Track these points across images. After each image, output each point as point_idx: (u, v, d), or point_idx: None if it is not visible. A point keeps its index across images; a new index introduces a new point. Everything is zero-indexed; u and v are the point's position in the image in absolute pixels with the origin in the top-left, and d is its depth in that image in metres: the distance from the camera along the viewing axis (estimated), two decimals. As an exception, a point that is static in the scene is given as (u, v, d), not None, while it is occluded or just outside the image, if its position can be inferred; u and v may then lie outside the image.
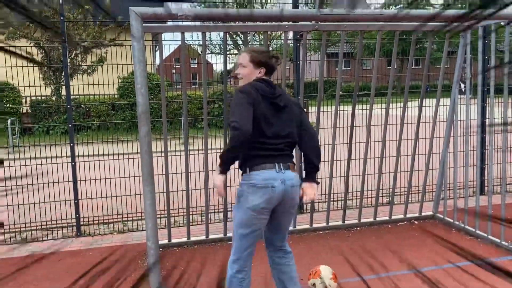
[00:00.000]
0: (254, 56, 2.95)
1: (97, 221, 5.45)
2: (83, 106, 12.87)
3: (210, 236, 4.79)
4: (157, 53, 5.42)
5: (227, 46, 4.70)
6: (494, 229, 4.49)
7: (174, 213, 5.36)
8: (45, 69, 13.64)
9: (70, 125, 5.09)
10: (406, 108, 4.98)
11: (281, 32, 4.29)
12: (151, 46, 6.65)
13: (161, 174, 4.61)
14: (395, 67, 4.83)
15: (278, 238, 3.06)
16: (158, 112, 12.25)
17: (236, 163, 2.86)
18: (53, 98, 12.32)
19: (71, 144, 5.06)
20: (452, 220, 5.04)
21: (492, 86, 4.45)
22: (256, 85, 2.85)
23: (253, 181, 2.77)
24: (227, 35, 4.44)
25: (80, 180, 5.18)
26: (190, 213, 4.82)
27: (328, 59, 22.94)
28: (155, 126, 10.78)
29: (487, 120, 5.92)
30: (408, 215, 5.33)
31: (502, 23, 4.32)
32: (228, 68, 6.04)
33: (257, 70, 2.94)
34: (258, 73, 2.94)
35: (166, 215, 4.62)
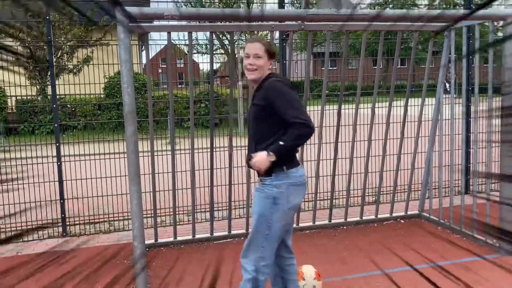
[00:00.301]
0: (268, 46, 2.82)
1: (83, 221, 5.41)
2: (69, 105, 12.76)
3: (197, 236, 4.79)
4: (144, 53, 5.39)
5: (214, 45, 4.70)
6: (479, 227, 4.55)
7: (160, 213, 5.34)
8: (30, 68, 13.48)
9: (55, 125, 5.04)
10: (392, 108, 5.02)
11: (267, 31, 4.31)
12: (137, 46, 6.61)
13: (147, 174, 4.60)
14: (381, 67, 4.87)
15: (290, 236, 3.03)
16: (144, 112, 12.18)
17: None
18: (39, 98, 12.20)
19: (57, 144, 5.02)
20: (437, 219, 5.10)
21: (476, 86, 4.51)
22: (285, 80, 2.83)
23: (292, 179, 2.71)
24: (213, 35, 4.44)
25: (66, 180, 5.14)
26: (177, 212, 4.82)
27: (314, 59, 23.04)
28: (141, 125, 10.73)
29: (471, 119, 5.99)
30: (394, 214, 5.38)
31: (486, 23, 4.38)
32: (214, 67, 6.05)
33: (269, 62, 2.81)
34: (269, 65, 2.84)
35: (152, 215, 4.61)
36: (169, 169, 4.66)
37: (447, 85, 5.36)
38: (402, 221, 5.33)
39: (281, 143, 2.61)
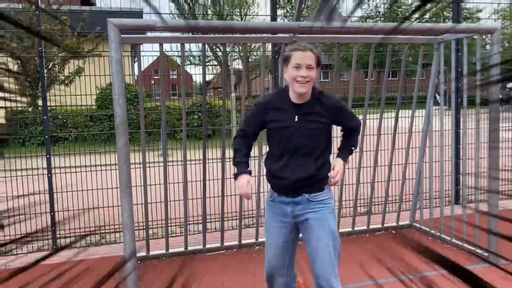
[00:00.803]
0: (319, 54, 2.64)
1: (74, 234, 5.36)
2: (60, 117, 12.70)
3: (189, 248, 4.77)
4: (136, 64, 5.41)
5: (207, 57, 4.72)
6: (469, 238, 4.58)
7: (152, 225, 5.31)
8: (21, 80, 13.42)
9: (46, 136, 5.02)
10: (383, 119, 5.06)
11: (260, 43, 4.34)
12: (129, 57, 6.63)
13: (139, 186, 4.58)
14: (372, 79, 4.92)
15: None
16: (137, 123, 12.16)
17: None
18: (29, 109, 12.14)
19: (48, 156, 5.00)
20: (428, 229, 5.12)
21: (465, 98, 4.57)
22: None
23: None
24: (207, 47, 4.46)
25: (57, 192, 5.10)
26: (169, 224, 4.79)
27: (307, 71, 23.16)
28: (133, 137, 10.71)
29: (461, 130, 6.05)
30: (385, 225, 5.39)
31: (474, 36, 4.45)
32: (207, 79, 6.06)
33: (317, 71, 2.65)
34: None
35: (144, 227, 4.59)
36: (161, 181, 4.65)
37: (438, 96, 5.42)
38: (393, 231, 5.35)
39: (353, 148, 2.85)
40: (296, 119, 2.64)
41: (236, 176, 2.71)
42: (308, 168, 2.65)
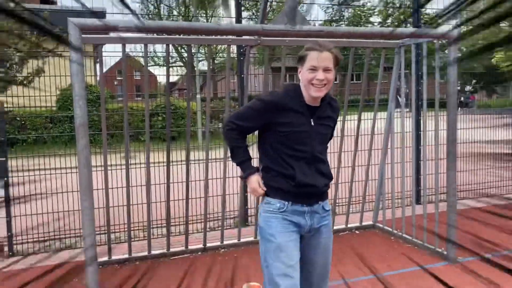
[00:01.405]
0: (336, 53, 2.40)
1: (31, 240, 5.19)
2: (18, 118, 12.32)
3: (152, 252, 4.69)
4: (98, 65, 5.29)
5: (172, 58, 4.66)
6: (429, 237, 4.69)
7: (115, 229, 5.20)
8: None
9: (2, 138, 4.85)
10: (346, 121, 5.13)
11: (225, 45, 4.33)
12: (93, 57, 6.48)
13: (101, 189, 4.48)
14: (336, 82, 4.98)
15: None
16: (99, 125, 11.90)
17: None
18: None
19: (4, 159, 4.82)
20: (391, 229, 5.23)
21: (424, 100, 4.68)
22: None
23: None
24: (172, 47, 4.41)
25: (14, 197, 4.92)
26: (132, 228, 4.71)
27: (273, 73, 23.31)
28: (95, 139, 10.49)
29: (421, 132, 6.20)
30: (349, 225, 5.47)
31: (434, 41, 4.57)
32: (173, 80, 5.98)
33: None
34: None
35: (106, 231, 4.49)
36: (124, 184, 4.56)
37: (400, 99, 5.54)
38: (357, 231, 5.42)
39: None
40: (312, 123, 2.45)
41: (243, 178, 2.54)
42: (328, 173, 2.54)
